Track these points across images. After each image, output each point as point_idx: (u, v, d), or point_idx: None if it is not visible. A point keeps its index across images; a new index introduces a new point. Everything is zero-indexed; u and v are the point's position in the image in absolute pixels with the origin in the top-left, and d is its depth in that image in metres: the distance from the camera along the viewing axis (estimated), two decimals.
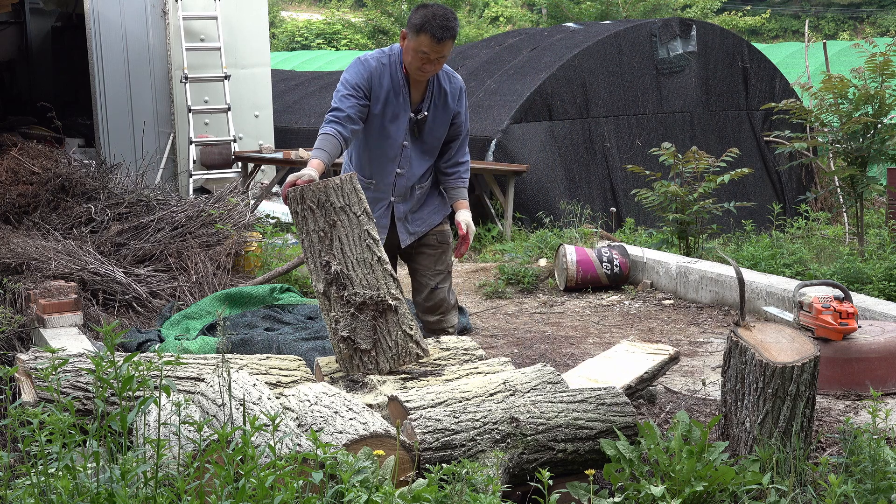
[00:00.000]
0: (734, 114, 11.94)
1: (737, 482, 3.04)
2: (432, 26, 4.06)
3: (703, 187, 7.48)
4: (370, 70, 4.24)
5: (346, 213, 3.77)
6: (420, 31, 4.08)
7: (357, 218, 3.80)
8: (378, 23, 27.61)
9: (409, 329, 3.84)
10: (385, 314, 3.75)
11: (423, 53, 4.11)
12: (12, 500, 2.52)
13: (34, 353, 3.65)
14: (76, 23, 12.47)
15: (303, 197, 3.77)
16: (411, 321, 3.87)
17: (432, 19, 4.06)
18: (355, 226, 3.79)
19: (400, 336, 3.80)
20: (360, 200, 3.84)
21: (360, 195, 3.85)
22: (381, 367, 3.81)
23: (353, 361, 3.77)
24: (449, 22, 4.09)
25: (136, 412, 2.61)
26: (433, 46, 4.08)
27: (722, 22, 25.87)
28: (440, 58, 4.15)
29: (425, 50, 4.10)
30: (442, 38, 4.07)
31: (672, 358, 4.46)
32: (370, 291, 3.75)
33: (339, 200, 3.77)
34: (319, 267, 3.78)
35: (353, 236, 3.78)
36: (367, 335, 3.73)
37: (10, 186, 7.61)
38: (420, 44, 4.09)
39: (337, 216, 3.75)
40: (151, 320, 6.07)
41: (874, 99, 7.38)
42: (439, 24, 4.06)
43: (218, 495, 2.44)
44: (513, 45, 12.25)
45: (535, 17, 31.32)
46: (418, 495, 2.65)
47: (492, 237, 9.66)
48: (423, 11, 4.11)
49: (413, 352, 3.85)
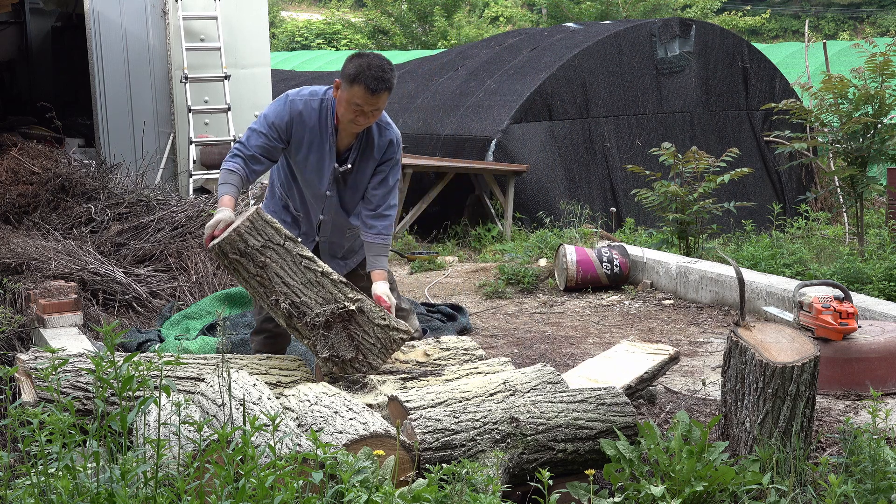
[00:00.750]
0: (734, 114, 11.94)
1: (737, 482, 3.04)
2: (366, 77, 3.81)
3: (703, 187, 7.48)
4: (293, 113, 4.02)
5: (270, 249, 3.68)
6: (354, 83, 3.84)
7: (283, 248, 3.70)
8: (378, 23, 27.63)
9: (382, 320, 3.78)
10: (353, 319, 3.71)
11: (356, 106, 3.86)
12: (12, 500, 2.52)
13: (34, 353, 3.65)
14: (76, 23, 12.46)
15: (223, 252, 3.68)
16: (380, 311, 3.80)
17: (367, 70, 3.82)
18: (285, 255, 3.70)
19: (376, 330, 3.77)
20: (277, 230, 3.73)
21: (274, 225, 3.74)
22: (374, 364, 3.79)
23: (345, 371, 3.77)
24: (385, 73, 3.85)
25: (136, 412, 2.61)
26: (367, 99, 3.84)
27: (722, 22, 25.88)
28: (374, 110, 3.90)
29: (358, 102, 3.85)
30: (376, 91, 3.83)
31: (672, 358, 4.46)
32: (329, 307, 3.69)
33: (258, 240, 3.67)
34: (272, 307, 3.74)
35: (287, 266, 3.69)
36: (346, 345, 3.71)
37: (10, 186, 7.61)
38: (353, 95, 3.85)
39: (263, 255, 3.67)
40: (151, 320, 6.06)
41: (874, 99, 7.38)
42: (374, 74, 3.82)
43: (218, 495, 2.44)
44: (513, 45, 12.25)
45: (535, 17, 31.33)
46: (418, 495, 2.65)
47: (492, 237, 9.67)
48: (357, 61, 3.88)
49: (396, 337, 3.81)
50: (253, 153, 4.00)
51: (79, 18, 11.29)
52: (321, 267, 3.74)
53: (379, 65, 3.85)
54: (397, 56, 19.84)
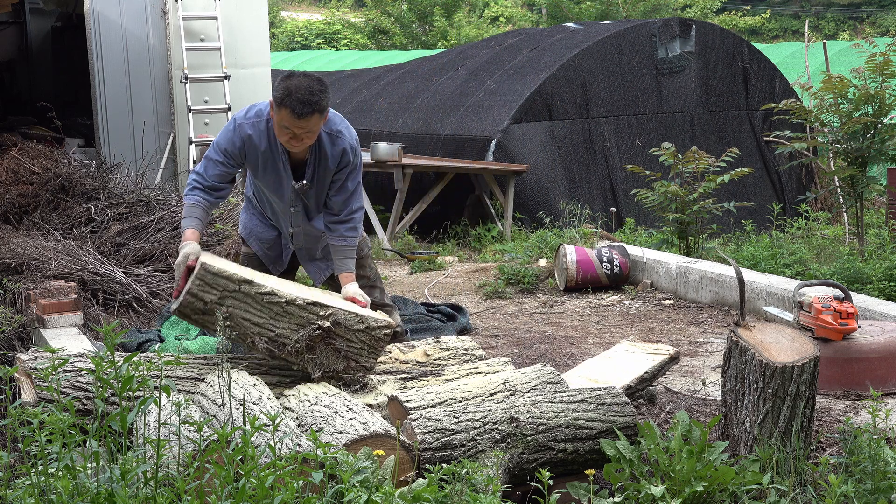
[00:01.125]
0: (734, 114, 11.94)
1: (737, 482, 3.04)
2: (292, 101, 3.71)
3: (703, 187, 7.48)
4: (243, 137, 3.95)
5: (229, 298, 3.61)
6: (281, 106, 3.75)
7: (241, 292, 3.62)
8: (378, 23, 27.62)
9: (360, 324, 3.71)
10: (331, 333, 3.66)
11: (286, 129, 3.80)
12: (12, 501, 2.52)
13: (34, 353, 3.65)
14: (76, 23, 12.45)
15: (185, 315, 3.65)
16: (356, 317, 3.71)
17: (294, 93, 3.71)
18: (245, 299, 3.62)
19: (358, 335, 3.71)
20: (229, 278, 3.62)
21: (224, 274, 3.63)
22: (368, 365, 3.77)
23: (343, 379, 3.75)
24: (313, 96, 3.72)
25: (136, 412, 2.61)
26: (294, 122, 3.75)
27: (722, 22, 25.88)
28: (306, 133, 3.81)
29: (287, 125, 3.78)
30: (302, 115, 3.72)
31: (672, 358, 4.46)
32: (304, 331, 3.64)
33: (214, 294, 3.60)
34: (252, 347, 3.70)
35: (251, 308, 3.63)
36: (335, 358, 3.68)
37: (10, 186, 7.60)
38: (282, 119, 3.77)
39: (224, 304, 3.60)
40: (151, 320, 6.06)
41: (874, 99, 7.38)
42: (300, 98, 3.70)
43: (218, 495, 2.44)
44: (513, 45, 12.26)
45: (535, 17, 31.33)
46: (418, 495, 2.65)
47: (492, 237, 9.67)
48: (285, 83, 3.77)
49: (380, 335, 3.75)
50: (212, 183, 3.99)
51: (79, 18, 11.28)
52: (284, 297, 3.64)
53: (307, 87, 3.74)
54: (397, 56, 19.84)
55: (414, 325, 5.89)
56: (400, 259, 8.82)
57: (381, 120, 12.15)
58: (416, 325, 5.89)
